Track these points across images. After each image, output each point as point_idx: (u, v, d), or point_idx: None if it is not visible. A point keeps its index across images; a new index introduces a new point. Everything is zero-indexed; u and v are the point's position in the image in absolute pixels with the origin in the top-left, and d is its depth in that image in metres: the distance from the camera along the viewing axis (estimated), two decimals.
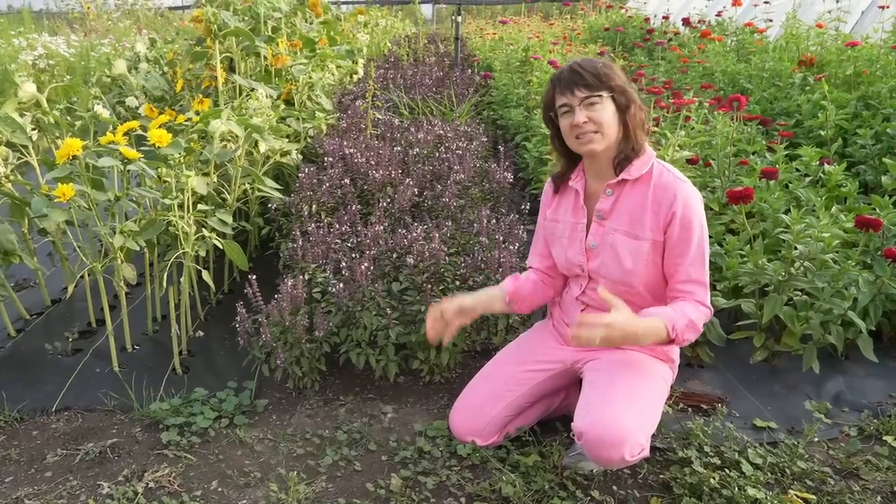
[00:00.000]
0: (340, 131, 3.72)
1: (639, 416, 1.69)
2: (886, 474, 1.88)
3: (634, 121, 1.74)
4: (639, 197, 1.77)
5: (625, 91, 1.73)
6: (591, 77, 1.70)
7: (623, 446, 1.62)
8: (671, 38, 6.75)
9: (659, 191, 1.75)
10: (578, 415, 1.70)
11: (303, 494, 1.79)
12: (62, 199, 2.03)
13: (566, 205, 1.92)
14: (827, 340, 2.28)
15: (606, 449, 1.63)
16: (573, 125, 1.72)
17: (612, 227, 1.80)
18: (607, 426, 1.63)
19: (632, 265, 1.78)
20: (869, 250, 2.44)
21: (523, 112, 4.48)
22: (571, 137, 1.75)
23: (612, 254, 1.80)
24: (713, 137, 3.06)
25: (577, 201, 1.88)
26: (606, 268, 1.82)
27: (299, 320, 2.16)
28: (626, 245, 1.78)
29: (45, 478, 1.87)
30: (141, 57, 4.05)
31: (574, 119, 1.72)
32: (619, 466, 1.79)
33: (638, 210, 1.77)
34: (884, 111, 3.60)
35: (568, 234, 1.90)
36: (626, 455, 1.63)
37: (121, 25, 9.95)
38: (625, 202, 1.79)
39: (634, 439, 1.64)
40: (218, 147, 2.55)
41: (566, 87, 1.72)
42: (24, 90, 2.63)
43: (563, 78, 1.73)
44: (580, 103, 1.71)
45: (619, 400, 1.70)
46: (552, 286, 2.03)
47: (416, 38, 8.95)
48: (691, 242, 1.73)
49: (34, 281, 3.09)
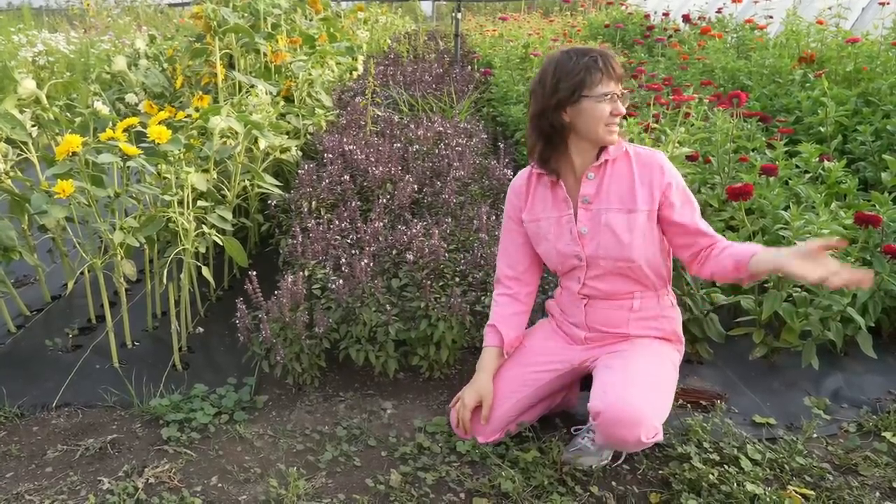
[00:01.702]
0: (340, 128, 3.72)
1: (656, 400, 1.73)
2: (885, 470, 1.88)
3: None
4: (623, 174, 1.82)
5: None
6: (622, 71, 1.78)
7: (640, 427, 1.64)
8: (671, 34, 6.75)
9: (643, 166, 1.81)
10: (595, 395, 1.72)
11: (302, 490, 1.79)
12: (62, 196, 2.04)
13: (542, 202, 1.91)
14: (826, 337, 2.28)
15: (624, 428, 1.65)
16: (615, 113, 1.76)
17: (602, 208, 1.82)
18: (626, 406, 1.65)
19: (629, 239, 1.79)
20: (868, 247, 2.44)
21: (523, 109, 4.48)
22: (601, 125, 1.76)
23: (608, 233, 1.81)
24: (713, 134, 3.06)
25: (558, 193, 1.88)
26: (605, 248, 1.82)
27: (299, 316, 2.16)
28: (621, 220, 1.80)
29: (46, 473, 1.87)
30: (140, 53, 4.05)
31: (619, 109, 1.76)
32: (633, 448, 1.81)
33: (626, 186, 1.81)
34: (884, 108, 3.60)
35: (554, 230, 1.89)
36: (641, 436, 1.65)
37: (120, 22, 9.94)
38: (609, 182, 1.82)
39: (650, 422, 1.66)
40: (217, 143, 2.55)
41: (613, 77, 1.75)
42: (23, 87, 2.63)
43: (611, 67, 1.75)
44: (620, 94, 1.77)
45: (638, 382, 1.72)
46: (528, 297, 2.03)
47: (415, 35, 8.95)
48: (692, 200, 1.83)
49: (34, 277, 3.09)
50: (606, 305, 1.90)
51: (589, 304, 1.91)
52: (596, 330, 1.92)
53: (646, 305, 1.88)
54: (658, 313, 1.90)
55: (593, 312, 1.91)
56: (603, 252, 1.82)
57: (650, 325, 1.90)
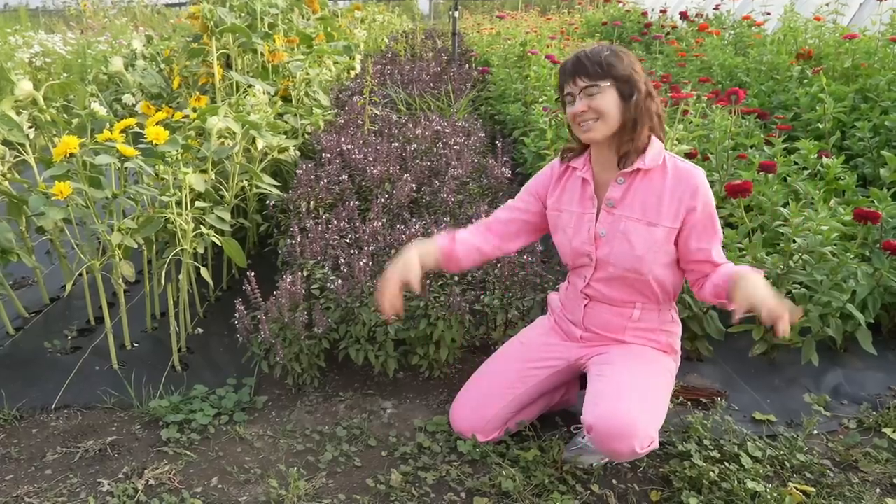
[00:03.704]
0: (338, 127, 3.72)
1: (648, 409, 1.70)
2: (885, 466, 1.89)
3: (639, 109, 1.71)
4: (654, 186, 1.77)
5: (629, 79, 1.69)
6: (592, 66, 1.69)
7: (633, 439, 1.63)
8: (669, 31, 6.75)
9: (680, 182, 1.75)
10: (587, 409, 1.70)
11: (303, 490, 1.79)
12: (60, 197, 2.03)
13: (570, 193, 1.90)
14: (826, 333, 2.28)
15: (617, 441, 1.63)
16: (573, 114, 1.74)
17: (624, 215, 1.79)
18: (618, 419, 1.64)
19: (643, 252, 1.77)
20: (867, 243, 2.44)
21: (521, 107, 4.48)
22: (574, 125, 1.76)
23: (623, 241, 1.79)
24: (711, 131, 3.06)
25: (586, 190, 1.86)
26: (616, 255, 1.80)
27: (298, 317, 2.16)
28: (639, 232, 1.77)
29: (45, 475, 1.87)
30: (138, 54, 4.04)
31: (574, 108, 1.73)
32: (629, 459, 1.80)
33: (653, 198, 1.76)
34: (882, 104, 3.60)
35: (574, 224, 1.87)
36: (636, 447, 1.64)
37: (117, 23, 9.94)
38: (637, 191, 1.78)
39: (644, 432, 1.65)
40: (215, 144, 2.54)
41: (569, 76, 1.73)
42: (20, 88, 2.62)
43: (567, 67, 1.74)
44: (580, 92, 1.71)
45: (629, 393, 1.70)
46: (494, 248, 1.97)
47: (413, 34, 8.94)
48: (715, 229, 1.78)
49: (33, 279, 3.09)
50: (606, 310, 1.89)
51: (589, 305, 1.91)
52: (592, 331, 1.92)
53: (646, 317, 1.87)
54: (657, 326, 1.89)
55: (592, 314, 1.91)
56: (614, 258, 1.81)
57: (647, 337, 1.89)
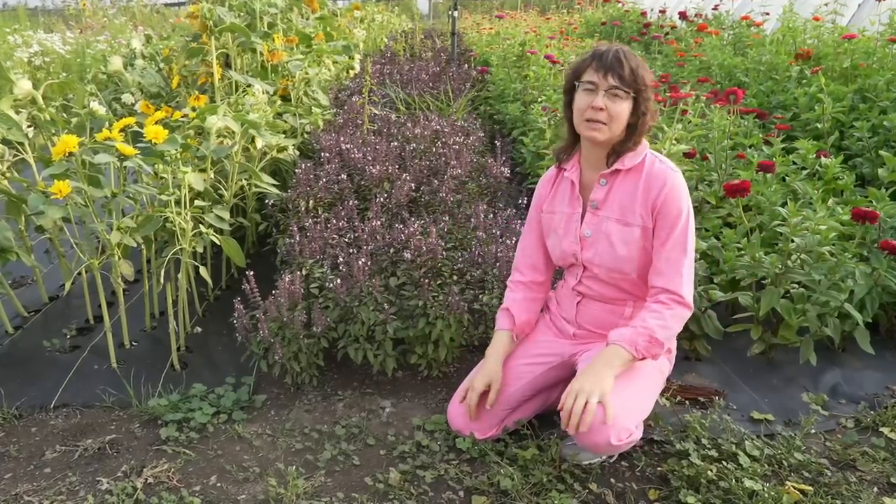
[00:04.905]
0: (337, 127, 3.72)
1: (624, 401, 1.69)
2: (883, 465, 1.89)
3: (643, 127, 1.76)
4: (630, 186, 1.79)
5: (647, 96, 1.73)
6: (629, 71, 1.70)
7: (608, 430, 1.63)
8: (668, 31, 6.76)
9: (650, 179, 1.77)
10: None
11: (301, 489, 1.79)
12: (59, 196, 2.03)
13: (562, 195, 1.93)
14: (824, 333, 2.28)
15: (591, 434, 1.64)
16: (591, 105, 1.72)
17: (606, 216, 1.82)
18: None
19: (624, 252, 1.79)
20: (865, 242, 2.44)
21: (520, 107, 4.48)
22: (581, 118, 1.75)
23: (605, 242, 1.82)
24: (710, 131, 3.06)
25: (573, 191, 1.89)
26: (600, 256, 1.83)
27: (297, 316, 2.16)
28: (618, 232, 1.80)
29: (44, 474, 1.87)
30: (137, 53, 4.04)
31: (594, 100, 1.71)
32: (608, 452, 1.81)
33: (628, 198, 1.79)
34: (880, 104, 3.61)
35: (563, 225, 1.91)
36: (612, 439, 1.64)
37: (117, 22, 9.93)
38: (617, 191, 1.81)
39: (620, 423, 1.65)
40: (214, 143, 2.54)
41: (603, 68, 1.71)
42: (19, 87, 2.62)
43: (606, 58, 1.71)
44: (607, 89, 1.71)
45: None
46: (541, 287, 2.04)
47: (412, 34, 8.94)
48: (675, 228, 1.74)
49: (32, 278, 3.09)
50: (599, 307, 1.91)
51: (582, 303, 1.93)
52: (585, 329, 1.94)
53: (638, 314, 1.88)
54: None
55: (585, 311, 1.93)
56: (598, 260, 1.84)
57: None
